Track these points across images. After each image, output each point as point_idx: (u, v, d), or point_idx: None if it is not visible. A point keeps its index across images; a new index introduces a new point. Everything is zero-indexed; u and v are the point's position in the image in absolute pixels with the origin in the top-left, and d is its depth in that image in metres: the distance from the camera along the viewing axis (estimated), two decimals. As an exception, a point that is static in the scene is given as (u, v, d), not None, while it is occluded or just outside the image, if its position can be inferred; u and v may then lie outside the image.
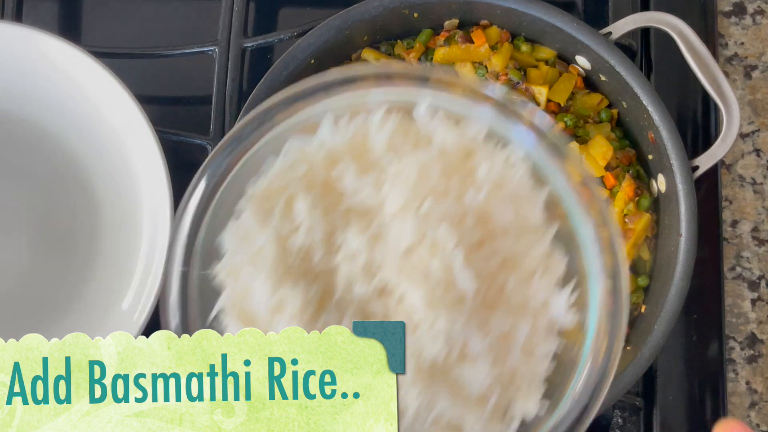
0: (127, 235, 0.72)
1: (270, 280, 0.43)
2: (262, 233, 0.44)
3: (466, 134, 0.44)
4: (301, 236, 0.44)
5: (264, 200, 0.44)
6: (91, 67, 0.70)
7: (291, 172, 0.44)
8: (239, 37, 0.76)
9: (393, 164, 0.43)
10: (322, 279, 0.44)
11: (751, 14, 0.78)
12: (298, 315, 0.43)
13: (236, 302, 0.45)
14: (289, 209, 0.44)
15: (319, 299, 0.44)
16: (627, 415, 0.71)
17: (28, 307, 0.74)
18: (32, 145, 0.75)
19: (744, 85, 0.77)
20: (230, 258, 0.45)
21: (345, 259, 0.43)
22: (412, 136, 0.44)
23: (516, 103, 0.44)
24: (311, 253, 0.44)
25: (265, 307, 0.44)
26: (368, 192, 0.43)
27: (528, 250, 0.44)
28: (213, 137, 0.74)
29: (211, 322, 0.45)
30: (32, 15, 0.80)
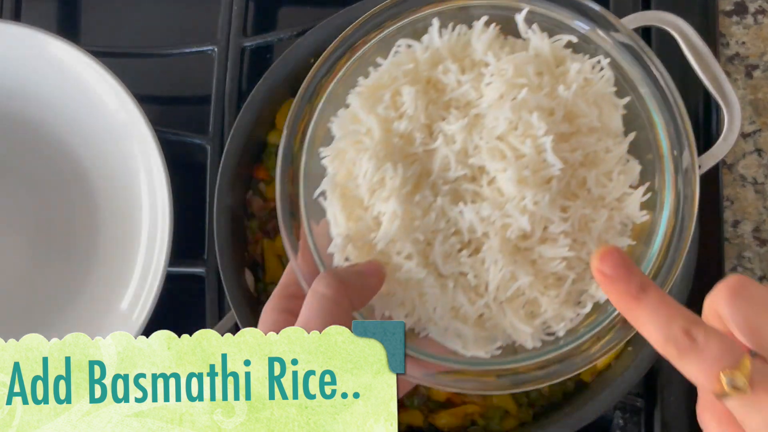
0: (127, 235, 0.72)
1: (374, 159, 0.47)
2: (369, 118, 0.48)
3: (558, 43, 0.49)
4: (404, 122, 0.48)
5: (373, 91, 0.49)
6: (91, 67, 0.70)
7: (398, 68, 0.49)
8: (239, 36, 0.76)
9: (492, 64, 0.48)
10: (420, 161, 0.48)
11: (753, 13, 0.78)
12: (397, 190, 0.47)
13: (339, 183, 0.49)
14: (395, 100, 0.49)
15: (416, 179, 0.48)
16: (628, 416, 0.71)
17: (28, 307, 0.74)
18: (32, 145, 0.75)
19: (745, 84, 0.77)
20: (338, 142, 0.49)
21: (443, 144, 0.47)
22: (509, 44, 0.49)
23: (606, 15, 0.50)
24: (412, 137, 0.48)
25: (367, 185, 0.48)
26: (468, 87, 0.48)
27: (608, 151, 0.49)
28: (212, 136, 0.74)
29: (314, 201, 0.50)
30: (31, 14, 0.80)
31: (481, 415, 0.69)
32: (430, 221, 0.47)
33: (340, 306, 0.45)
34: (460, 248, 0.48)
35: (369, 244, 0.49)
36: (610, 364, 0.70)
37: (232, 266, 0.68)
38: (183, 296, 0.74)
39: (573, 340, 0.48)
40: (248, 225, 0.72)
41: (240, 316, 0.67)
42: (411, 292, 0.48)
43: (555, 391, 0.70)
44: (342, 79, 0.51)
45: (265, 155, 0.73)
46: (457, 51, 0.50)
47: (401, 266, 0.48)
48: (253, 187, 0.73)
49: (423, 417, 0.70)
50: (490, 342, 0.48)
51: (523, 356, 0.48)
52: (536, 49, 0.49)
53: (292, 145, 0.51)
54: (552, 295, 0.48)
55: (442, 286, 0.48)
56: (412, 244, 0.47)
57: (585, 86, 0.48)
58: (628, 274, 0.42)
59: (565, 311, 0.48)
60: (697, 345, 0.39)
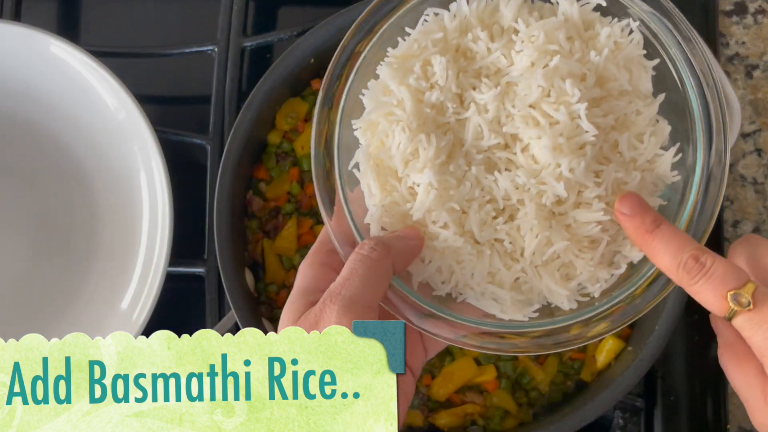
0: (127, 234, 0.72)
1: (407, 130, 0.47)
2: (401, 89, 0.48)
3: (587, 7, 0.49)
4: (435, 92, 0.48)
5: (403, 61, 0.49)
6: (91, 67, 0.70)
7: (427, 38, 0.49)
8: (239, 36, 0.76)
9: (522, 31, 0.48)
10: (452, 131, 0.48)
11: (753, 14, 0.78)
12: (431, 161, 0.47)
13: (372, 154, 0.49)
14: (425, 70, 0.49)
15: (449, 149, 0.48)
16: (628, 415, 0.71)
17: (28, 307, 0.74)
18: (32, 145, 0.75)
19: (745, 84, 0.77)
20: (369, 113, 0.49)
21: (475, 113, 0.48)
22: (537, 9, 0.50)
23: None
24: (444, 107, 0.48)
25: (401, 156, 0.48)
26: (498, 54, 0.48)
27: (639, 113, 0.49)
28: (212, 136, 0.74)
29: (348, 173, 0.50)
30: (31, 14, 0.80)
31: (481, 415, 0.70)
32: (465, 190, 0.48)
33: (381, 266, 0.46)
34: (495, 216, 0.48)
35: (404, 214, 0.49)
36: (610, 364, 0.70)
37: (232, 266, 0.68)
38: (183, 296, 0.74)
39: (608, 300, 0.49)
40: (248, 225, 0.72)
41: (240, 316, 0.67)
42: (448, 260, 0.49)
43: (555, 391, 0.70)
44: (372, 49, 0.51)
45: (265, 155, 0.73)
46: (485, 18, 0.49)
47: (438, 235, 0.48)
48: (253, 187, 0.73)
49: (423, 417, 0.70)
50: (527, 305, 0.49)
51: (560, 318, 0.49)
52: (565, 13, 0.49)
53: (324, 115, 0.51)
54: (587, 257, 0.49)
55: (478, 253, 0.48)
56: (448, 213, 0.48)
57: (615, 50, 0.49)
58: (643, 212, 0.46)
59: (599, 272, 0.49)
60: (706, 268, 0.44)
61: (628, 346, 0.69)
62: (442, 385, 0.69)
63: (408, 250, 0.48)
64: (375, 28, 0.51)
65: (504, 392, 0.69)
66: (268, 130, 0.73)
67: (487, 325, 0.49)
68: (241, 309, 0.67)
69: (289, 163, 0.73)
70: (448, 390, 0.69)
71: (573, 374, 0.70)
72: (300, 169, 0.73)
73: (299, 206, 0.72)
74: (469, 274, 0.49)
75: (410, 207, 0.48)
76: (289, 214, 0.72)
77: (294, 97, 0.74)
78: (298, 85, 0.73)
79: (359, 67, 0.51)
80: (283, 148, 0.73)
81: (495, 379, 0.70)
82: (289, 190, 0.73)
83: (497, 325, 0.49)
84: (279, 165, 0.73)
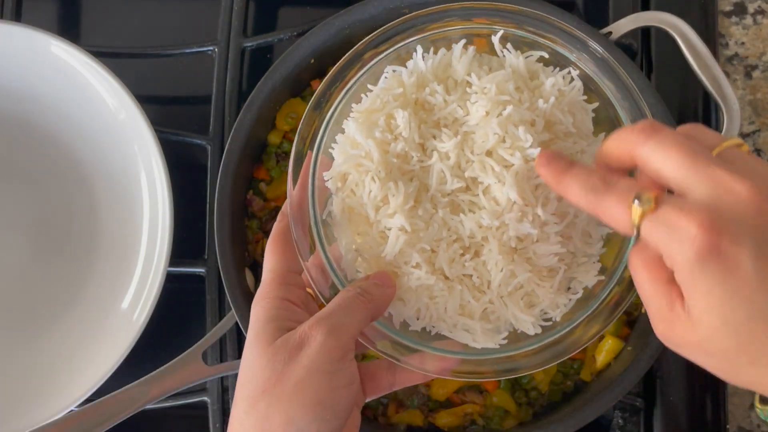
0: (127, 235, 0.72)
1: (377, 178, 0.51)
2: (368, 142, 0.51)
3: (531, 59, 0.53)
4: (400, 143, 0.51)
5: (368, 115, 0.53)
6: (91, 67, 0.70)
7: (389, 93, 0.53)
8: (239, 36, 0.76)
9: (474, 83, 0.52)
10: (418, 177, 0.52)
11: (752, 14, 0.78)
12: (400, 206, 0.50)
13: (344, 202, 0.52)
14: (389, 122, 0.52)
15: (416, 194, 0.51)
16: (627, 415, 0.71)
17: (28, 307, 0.74)
18: (32, 145, 0.75)
19: (745, 84, 0.77)
20: (339, 165, 0.53)
21: (438, 160, 0.51)
22: (486, 64, 0.53)
23: (573, 30, 0.54)
24: (408, 156, 0.52)
25: (372, 203, 0.51)
26: (455, 106, 0.52)
27: (583, 152, 0.53)
28: (212, 137, 0.74)
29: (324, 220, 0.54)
30: (32, 15, 0.80)
31: (481, 415, 0.70)
32: (434, 231, 0.51)
33: (364, 308, 0.49)
34: (462, 253, 0.51)
35: (377, 257, 0.52)
36: (609, 364, 0.70)
37: (232, 266, 0.68)
38: (183, 296, 0.74)
39: (569, 323, 0.52)
40: (248, 225, 0.73)
41: (240, 316, 0.67)
42: (422, 297, 0.52)
43: (555, 391, 0.70)
44: (339, 108, 0.54)
45: (265, 155, 0.73)
46: (439, 73, 0.53)
47: (411, 274, 0.51)
48: (253, 187, 0.73)
49: (423, 417, 0.70)
50: (496, 333, 0.52)
51: (526, 342, 0.52)
52: (512, 65, 0.53)
53: (296, 175, 0.54)
54: (547, 285, 0.52)
55: (449, 288, 0.51)
56: (419, 254, 0.51)
57: (560, 97, 0.52)
58: (557, 158, 0.47)
59: (559, 298, 0.52)
60: (612, 184, 0.44)
61: (628, 346, 0.69)
62: (442, 385, 0.69)
63: (385, 299, 0.51)
64: (335, 90, 0.54)
65: (504, 392, 0.70)
66: (268, 131, 0.73)
67: (462, 355, 0.52)
68: (241, 309, 0.67)
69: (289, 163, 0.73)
70: (448, 390, 0.70)
71: (573, 374, 0.70)
72: (300, 170, 0.73)
73: (299, 206, 0.72)
74: (443, 308, 0.52)
75: (383, 250, 0.51)
76: (289, 214, 0.73)
77: (294, 98, 0.74)
78: (298, 86, 0.73)
79: (327, 125, 0.54)
80: (283, 149, 0.73)
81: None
82: (289, 190, 0.73)
83: (471, 353, 0.52)
84: (279, 165, 0.73)
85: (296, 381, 0.46)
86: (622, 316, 0.70)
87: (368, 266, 0.52)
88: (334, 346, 0.47)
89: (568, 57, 0.54)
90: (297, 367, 0.47)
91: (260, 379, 0.47)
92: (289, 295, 0.51)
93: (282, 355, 0.47)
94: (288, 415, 0.46)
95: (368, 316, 0.50)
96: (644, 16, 0.70)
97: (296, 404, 0.46)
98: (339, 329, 0.48)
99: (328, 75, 0.55)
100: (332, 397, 0.46)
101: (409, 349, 0.52)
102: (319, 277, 0.52)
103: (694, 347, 0.43)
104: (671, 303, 0.43)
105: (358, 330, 0.49)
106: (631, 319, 0.71)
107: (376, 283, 0.51)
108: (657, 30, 0.72)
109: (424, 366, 0.52)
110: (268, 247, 0.53)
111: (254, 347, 0.49)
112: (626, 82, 0.53)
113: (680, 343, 0.43)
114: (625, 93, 0.53)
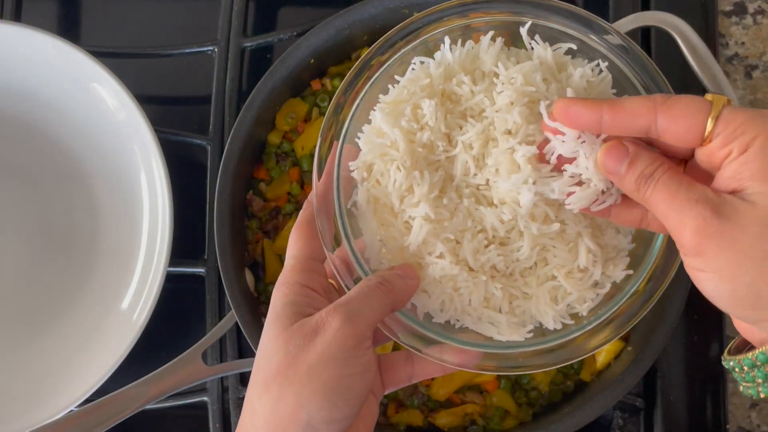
0: (127, 235, 0.72)
1: (402, 168, 0.50)
2: (394, 131, 0.51)
3: (559, 51, 0.53)
4: (426, 133, 0.51)
5: (394, 106, 0.52)
6: (91, 67, 0.70)
7: (416, 84, 0.52)
8: (239, 36, 0.76)
9: (501, 74, 0.51)
10: (443, 167, 0.52)
11: (752, 14, 0.78)
12: (425, 196, 0.50)
13: (369, 192, 0.52)
14: (415, 113, 0.52)
15: (441, 184, 0.51)
16: (627, 415, 0.71)
17: (28, 307, 0.74)
18: (32, 145, 0.75)
19: (745, 84, 0.77)
20: (365, 155, 0.52)
21: (462, 150, 0.51)
22: (514, 54, 0.53)
23: (601, 23, 0.53)
24: (434, 146, 0.51)
25: (397, 192, 0.51)
26: (482, 96, 0.51)
27: None
28: (212, 137, 0.74)
29: (349, 210, 0.53)
30: (31, 15, 0.80)
31: (481, 415, 0.70)
32: (458, 221, 0.51)
33: (385, 298, 0.49)
34: (487, 244, 0.51)
35: (401, 247, 0.52)
36: (609, 364, 0.70)
37: (232, 266, 0.68)
38: (183, 296, 0.74)
39: (596, 318, 0.52)
40: (248, 225, 0.73)
41: (240, 316, 0.67)
42: (446, 288, 0.51)
43: (555, 391, 0.70)
44: (365, 96, 0.54)
45: (265, 155, 0.73)
46: (467, 64, 0.53)
47: (435, 264, 0.51)
48: (253, 187, 0.73)
49: (423, 417, 0.70)
50: (521, 326, 0.52)
51: (552, 337, 0.52)
52: (540, 57, 0.52)
53: (321, 169, 0.54)
54: (577, 277, 0.51)
55: (474, 280, 0.51)
56: (443, 244, 0.50)
57: (588, 88, 0.51)
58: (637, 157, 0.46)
59: (587, 292, 0.52)
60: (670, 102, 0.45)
61: (628, 346, 0.69)
62: (442, 385, 0.69)
63: (407, 290, 0.51)
64: (365, 76, 0.54)
65: (504, 392, 0.70)
66: (268, 131, 0.73)
67: (484, 347, 0.52)
68: (241, 309, 0.67)
69: (289, 163, 0.73)
70: (448, 390, 0.70)
71: (573, 374, 0.70)
72: (300, 170, 0.73)
73: (299, 206, 0.72)
74: (467, 300, 0.51)
75: (407, 240, 0.51)
76: (289, 214, 0.73)
77: (294, 98, 0.74)
78: (298, 86, 0.73)
79: (353, 114, 0.54)
80: (283, 149, 0.73)
81: (495, 379, 0.70)
82: (289, 190, 0.73)
83: (495, 346, 0.52)
84: (279, 165, 0.73)
85: (309, 366, 0.46)
86: (622, 316, 0.70)
87: (393, 257, 0.52)
88: (350, 333, 0.47)
89: (597, 50, 0.53)
90: (311, 352, 0.46)
91: (274, 362, 0.47)
92: (310, 283, 0.51)
93: (297, 340, 0.47)
94: (299, 399, 0.46)
95: (388, 305, 0.49)
96: (644, 16, 0.70)
97: (308, 389, 0.46)
98: (356, 316, 0.48)
99: (353, 67, 0.54)
100: (344, 384, 0.46)
101: (431, 341, 0.52)
102: (343, 269, 0.52)
103: (750, 243, 0.42)
104: (716, 208, 0.42)
105: (375, 319, 0.49)
106: (631, 319, 0.71)
107: (399, 274, 0.51)
108: (657, 30, 0.72)
109: (443, 357, 0.51)
110: (291, 234, 0.53)
111: (271, 330, 0.48)
112: (651, 69, 0.53)
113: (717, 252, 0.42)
114: (651, 82, 0.53)
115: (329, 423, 0.46)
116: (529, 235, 0.50)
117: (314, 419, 0.46)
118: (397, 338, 0.51)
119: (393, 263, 0.52)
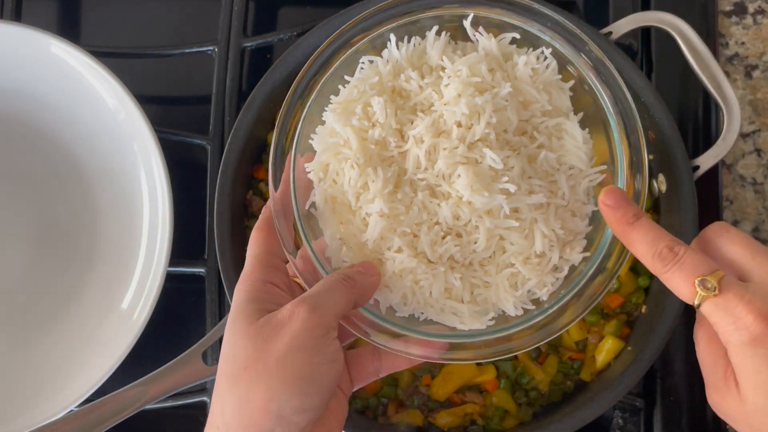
0: (127, 235, 0.72)
1: (356, 165, 0.51)
2: (346, 130, 0.52)
3: (504, 41, 0.54)
4: (377, 129, 0.52)
5: (345, 105, 0.53)
6: (91, 67, 0.70)
7: (365, 83, 0.54)
8: (239, 36, 0.76)
9: (447, 67, 0.53)
10: (396, 163, 0.53)
11: (752, 14, 0.78)
12: (380, 191, 0.51)
13: (327, 192, 0.53)
14: (366, 111, 0.53)
15: (395, 179, 0.52)
16: (627, 415, 0.71)
17: (28, 307, 0.74)
18: (32, 145, 0.75)
19: (745, 84, 0.77)
20: (319, 155, 0.54)
21: (414, 145, 0.52)
22: (460, 48, 0.55)
23: (545, 11, 0.55)
24: (386, 142, 0.52)
25: (352, 190, 0.52)
26: (430, 91, 0.53)
27: (563, 128, 0.54)
28: (212, 137, 0.74)
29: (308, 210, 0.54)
30: (32, 15, 0.80)
31: (481, 415, 0.70)
32: (414, 215, 0.52)
33: (347, 293, 0.50)
34: (444, 235, 0.52)
35: (361, 244, 0.52)
36: (609, 364, 0.70)
37: (232, 266, 0.68)
38: (183, 296, 0.74)
39: (556, 302, 0.53)
40: (248, 225, 0.73)
41: (240, 316, 0.67)
42: (406, 281, 0.52)
43: (555, 391, 0.70)
44: (316, 99, 0.55)
45: (265, 155, 0.73)
46: (414, 60, 0.54)
47: (393, 259, 0.52)
48: (253, 187, 0.73)
49: (423, 417, 0.70)
50: (483, 314, 0.53)
51: (515, 323, 0.53)
52: (485, 48, 0.54)
53: (276, 174, 0.55)
54: (535, 263, 0.53)
55: (433, 271, 0.52)
56: (400, 238, 0.51)
57: (534, 75, 0.53)
58: (626, 204, 0.50)
59: (546, 277, 0.53)
60: (678, 257, 0.47)
61: (628, 346, 0.69)
62: (441, 385, 0.69)
63: (369, 287, 0.52)
64: (315, 79, 0.56)
65: (504, 392, 0.69)
66: (268, 131, 0.73)
67: (447, 338, 0.53)
68: (241, 309, 0.67)
69: (289, 163, 0.73)
70: (448, 390, 0.69)
71: (573, 374, 0.70)
72: (300, 169, 0.73)
73: (299, 206, 0.72)
74: (428, 292, 0.52)
75: (364, 236, 0.52)
76: (289, 214, 0.73)
77: (294, 98, 0.74)
78: (298, 86, 0.73)
79: (305, 117, 0.55)
80: (283, 148, 0.73)
81: (495, 378, 0.70)
82: (289, 190, 0.73)
83: (457, 336, 0.53)
84: (279, 165, 0.73)
85: (278, 357, 0.47)
86: (622, 316, 0.70)
87: (353, 255, 0.53)
88: (317, 322, 0.48)
89: (541, 37, 0.54)
90: (279, 343, 0.47)
91: (242, 356, 0.48)
92: (272, 278, 0.52)
93: (264, 334, 0.48)
94: (270, 390, 0.46)
95: (351, 299, 0.50)
96: (644, 16, 0.70)
97: (278, 380, 0.46)
98: (322, 307, 0.48)
99: (304, 67, 0.56)
100: (314, 372, 0.47)
101: (394, 335, 0.52)
102: (305, 269, 0.53)
103: (741, 420, 0.47)
104: (726, 377, 0.47)
105: (340, 310, 0.50)
106: (631, 320, 0.71)
107: (360, 271, 0.51)
108: (657, 30, 0.72)
109: (409, 350, 0.52)
110: (252, 234, 0.54)
111: (235, 326, 0.49)
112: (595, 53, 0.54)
113: (729, 413, 0.48)
114: (600, 68, 0.54)
115: (300, 413, 0.46)
116: (484, 229, 0.51)
117: (285, 409, 0.46)
118: (364, 335, 0.52)
119: (354, 261, 0.53)
